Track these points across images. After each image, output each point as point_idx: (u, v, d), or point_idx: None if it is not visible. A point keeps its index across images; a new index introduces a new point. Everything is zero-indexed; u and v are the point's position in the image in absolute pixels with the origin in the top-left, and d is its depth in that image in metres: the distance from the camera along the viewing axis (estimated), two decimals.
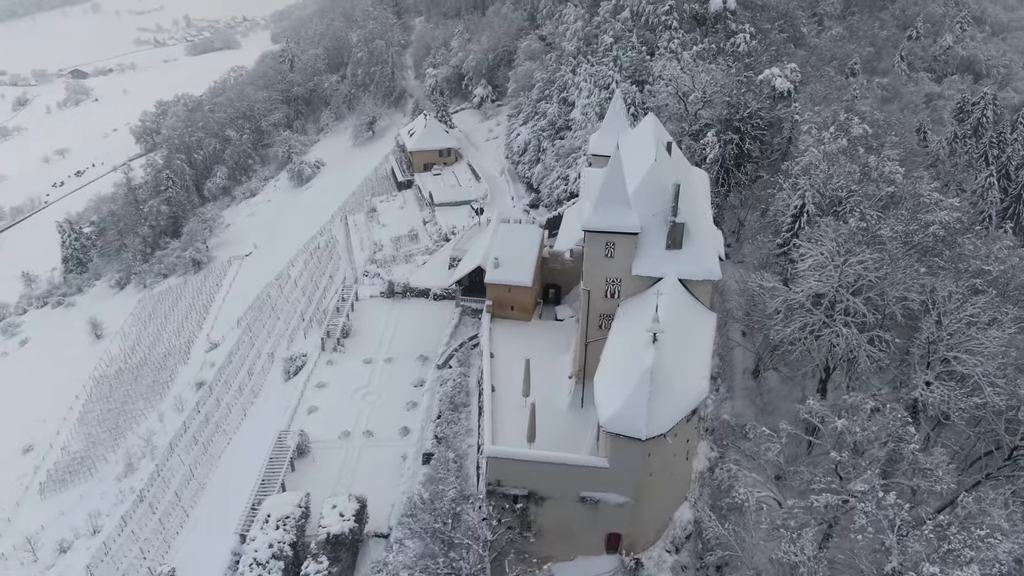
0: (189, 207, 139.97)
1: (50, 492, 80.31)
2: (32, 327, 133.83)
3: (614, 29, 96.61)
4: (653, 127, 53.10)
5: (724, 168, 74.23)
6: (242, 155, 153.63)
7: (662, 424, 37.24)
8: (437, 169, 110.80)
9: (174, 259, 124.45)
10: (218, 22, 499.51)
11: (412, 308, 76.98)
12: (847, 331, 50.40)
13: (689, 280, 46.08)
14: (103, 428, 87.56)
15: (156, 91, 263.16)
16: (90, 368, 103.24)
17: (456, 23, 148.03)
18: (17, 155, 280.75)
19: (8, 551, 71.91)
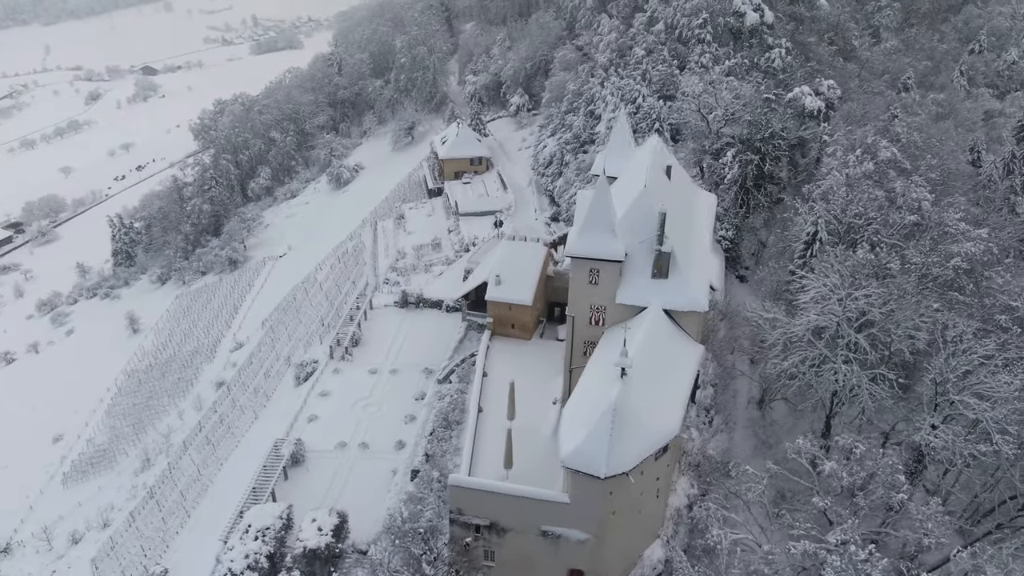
0: (231, 206, 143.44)
1: (72, 482, 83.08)
2: (79, 317, 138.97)
3: (647, 42, 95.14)
4: (653, 150, 51.90)
5: (743, 189, 72.19)
6: (285, 156, 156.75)
7: (624, 462, 36.23)
8: (467, 178, 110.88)
9: (212, 257, 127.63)
10: (283, 22, 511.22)
11: (423, 319, 77.18)
12: (846, 367, 48.35)
13: (675, 311, 44.80)
14: (127, 422, 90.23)
15: (218, 89, 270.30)
16: (123, 362, 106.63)
17: (500, 30, 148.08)
18: (85, 148, 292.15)
19: (27, 538, 74.63)
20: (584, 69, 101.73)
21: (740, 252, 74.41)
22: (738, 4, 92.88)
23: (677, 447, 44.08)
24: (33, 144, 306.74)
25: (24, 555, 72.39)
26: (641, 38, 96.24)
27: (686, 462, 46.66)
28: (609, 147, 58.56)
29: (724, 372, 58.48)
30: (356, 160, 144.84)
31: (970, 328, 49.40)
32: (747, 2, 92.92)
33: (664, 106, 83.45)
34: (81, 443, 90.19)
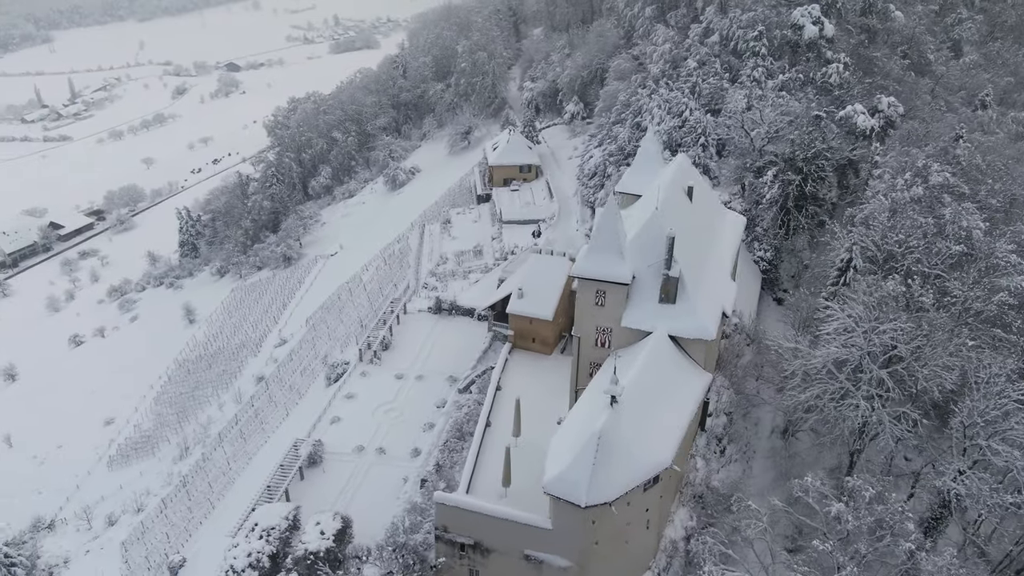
0: (290, 203, 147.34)
1: (117, 465, 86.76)
2: (144, 305, 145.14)
3: (700, 53, 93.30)
4: (676, 169, 50.86)
5: (784, 209, 69.94)
6: (346, 157, 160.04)
7: (607, 492, 35.55)
8: (516, 185, 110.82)
9: (268, 253, 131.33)
10: (363, 22, 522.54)
11: (454, 326, 77.51)
12: (865, 404, 46.29)
13: (681, 337, 43.72)
14: (172, 410, 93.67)
15: (295, 87, 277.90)
16: (176, 351, 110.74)
17: (563, 36, 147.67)
18: (167, 141, 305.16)
19: (70, 516, 78.28)
20: (636, 79, 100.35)
21: (779, 274, 72.20)
22: (796, 17, 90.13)
23: (676, 477, 43.00)
24: (121, 135, 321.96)
25: (65, 532, 75.99)
26: (695, 49, 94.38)
27: (689, 493, 45.44)
28: (636, 163, 57.63)
29: (744, 400, 56.73)
30: (413, 163, 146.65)
31: (1005, 369, 46.65)
32: (806, 15, 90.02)
33: (711, 120, 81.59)
34: (128, 428, 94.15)
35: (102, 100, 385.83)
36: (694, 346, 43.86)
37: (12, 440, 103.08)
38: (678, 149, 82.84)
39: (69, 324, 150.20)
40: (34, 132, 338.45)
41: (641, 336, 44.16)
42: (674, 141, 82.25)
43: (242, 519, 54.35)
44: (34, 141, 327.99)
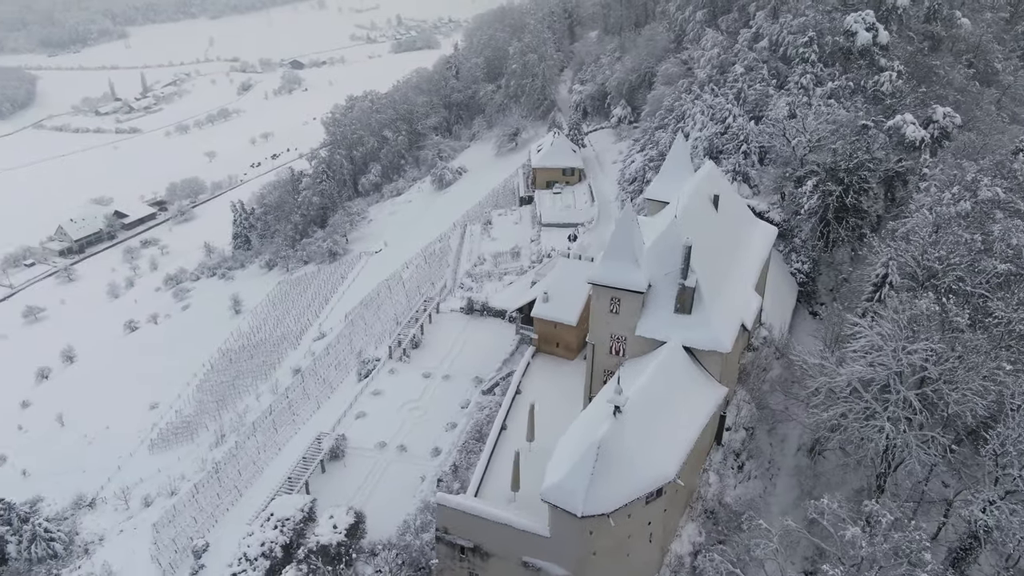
0: (339, 200, 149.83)
1: (157, 449, 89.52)
2: (197, 294, 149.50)
3: (748, 59, 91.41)
4: (703, 177, 49.99)
5: (824, 220, 68.00)
6: (396, 155, 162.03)
7: (605, 503, 35.12)
8: (558, 187, 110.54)
9: (315, 248, 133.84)
10: (425, 22, 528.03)
11: (485, 327, 77.70)
12: (890, 426, 44.69)
13: (697, 349, 42.91)
14: (212, 398, 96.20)
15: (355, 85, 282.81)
16: (221, 340, 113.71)
17: (615, 40, 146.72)
18: (231, 135, 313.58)
19: (109, 496, 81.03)
20: (683, 84, 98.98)
21: (816, 287, 70.28)
22: (850, 23, 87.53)
23: (685, 491, 42.21)
24: (187, 129, 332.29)
25: (104, 511, 78.67)
26: (743, 55, 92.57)
27: (700, 507, 44.56)
28: (664, 170, 56.79)
29: (769, 415, 55.37)
30: (460, 163, 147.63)
31: None
32: (860, 21, 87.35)
33: (754, 127, 79.90)
34: (171, 413, 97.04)
35: (171, 94, 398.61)
36: (709, 358, 43.00)
37: (64, 419, 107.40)
38: (719, 156, 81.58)
39: (127, 310, 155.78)
40: (107, 124, 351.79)
41: (656, 345, 43.53)
42: (715, 148, 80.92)
43: (260, 508, 55.51)
44: (106, 133, 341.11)
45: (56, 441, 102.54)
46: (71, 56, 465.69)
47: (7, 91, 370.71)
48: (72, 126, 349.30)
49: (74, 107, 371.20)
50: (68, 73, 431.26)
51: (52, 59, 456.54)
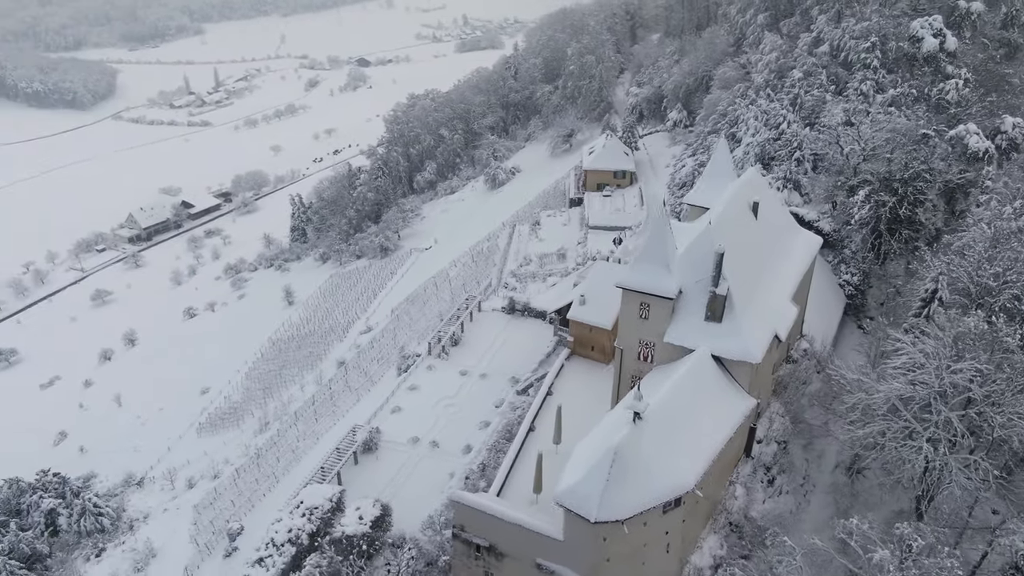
0: (393, 196, 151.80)
1: (205, 433, 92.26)
2: (254, 284, 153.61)
3: (806, 64, 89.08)
4: (744, 184, 48.97)
5: (876, 232, 65.76)
6: (451, 154, 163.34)
7: (620, 510, 34.71)
8: (608, 190, 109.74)
9: (367, 243, 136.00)
10: (491, 22, 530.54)
11: (525, 328, 77.64)
12: (928, 447, 42.96)
13: (726, 358, 42.05)
14: (260, 386, 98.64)
15: (418, 84, 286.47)
16: (272, 330, 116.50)
17: (676, 42, 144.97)
18: (296, 131, 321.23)
19: (158, 476, 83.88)
20: (739, 89, 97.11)
21: (866, 300, 68.03)
22: (916, 28, 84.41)
23: (705, 502, 41.41)
24: (255, 123, 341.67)
25: (151, 490, 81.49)
26: (801, 60, 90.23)
27: (724, 520, 43.65)
28: (706, 175, 55.86)
29: (806, 429, 53.80)
30: (514, 163, 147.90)
31: None
32: (927, 26, 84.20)
33: (808, 134, 77.83)
34: (220, 399, 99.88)
35: (242, 90, 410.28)
36: (739, 368, 42.08)
37: (122, 400, 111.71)
38: (771, 162, 79.80)
39: (187, 297, 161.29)
40: (180, 117, 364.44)
41: (685, 353, 42.85)
42: (767, 154, 79.17)
43: (292, 496, 56.69)
44: (179, 125, 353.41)
45: (113, 420, 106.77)
46: (150, 51, 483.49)
47: (90, 83, 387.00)
48: (147, 118, 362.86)
49: (150, 100, 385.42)
50: (146, 67, 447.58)
51: (132, 53, 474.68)
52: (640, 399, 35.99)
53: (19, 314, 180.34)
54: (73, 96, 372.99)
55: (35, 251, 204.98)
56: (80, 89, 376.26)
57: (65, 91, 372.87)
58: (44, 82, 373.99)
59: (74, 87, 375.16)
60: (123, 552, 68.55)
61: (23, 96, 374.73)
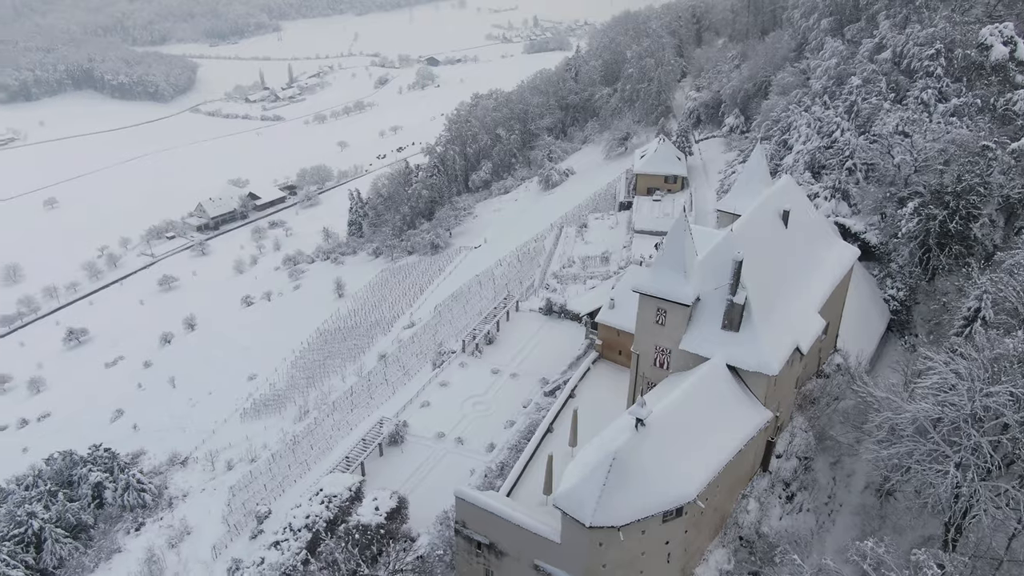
0: (447, 194, 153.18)
1: (248, 418, 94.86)
2: (309, 276, 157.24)
3: (866, 71, 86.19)
4: (775, 192, 47.77)
5: (924, 246, 63.19)
6: (507, 154, 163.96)
7: (616, 516, 34.31)
8: (658, 195, 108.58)
9: (419, 239, 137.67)
10: (561, 24, 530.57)
11: (560, 329, 77.47)
12: (955, 472, 41.13)
13: (742, 369, 41.09)
14: (303, 375, 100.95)
15: (484, 83, 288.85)
16: (320, 321, 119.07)
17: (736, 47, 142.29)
18: (363, 127, 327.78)
19: (200, 456, 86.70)
20: (796, 95, 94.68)
21: (912, 316, 65.44)
22: (985, 35, 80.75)
23: (713, 514, 40.55)
24: (324, 119, 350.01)
25: (194, 470, 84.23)
26: (861, 66, 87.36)
27: (734, 534, 42.66)
28: (740, 182, 54.62)
29: (835, 447, 52.07)
30: (569, 165, 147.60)
31: None
32: (997, 34, 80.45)
33: (862, 143, 75.32)
34: (265, 385, 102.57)
35: (314, 86, 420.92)
36: (754, 379, 41.05)
37: (176, 381, 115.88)
38: (821, 171, 77.60)
39: (247, 285, 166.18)
40: (254, 111, 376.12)
41: (700, 361, 42.00)
42: (817, 162, 76.98)
43: (314, 483, 57.86)
44: (252, 119, 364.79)
45: (166, 401, 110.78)
46: (230, 46, 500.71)
47: (171, 77, 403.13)
48: (223, 111, 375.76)
49: (227, 94, 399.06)
50: (225, 62, 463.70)
51: (213, 48, 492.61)
52: (643, 405, 35.52)
53: (92, 295, 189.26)
54: (155, 89, 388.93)
55: (110, 236, 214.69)
56: (162, 82, 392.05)
57: (148, 84, 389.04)
58: (129, 75, 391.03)
59: (156, 80, 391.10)
60: (160, 528, 71.09)
61: (108, 88, 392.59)
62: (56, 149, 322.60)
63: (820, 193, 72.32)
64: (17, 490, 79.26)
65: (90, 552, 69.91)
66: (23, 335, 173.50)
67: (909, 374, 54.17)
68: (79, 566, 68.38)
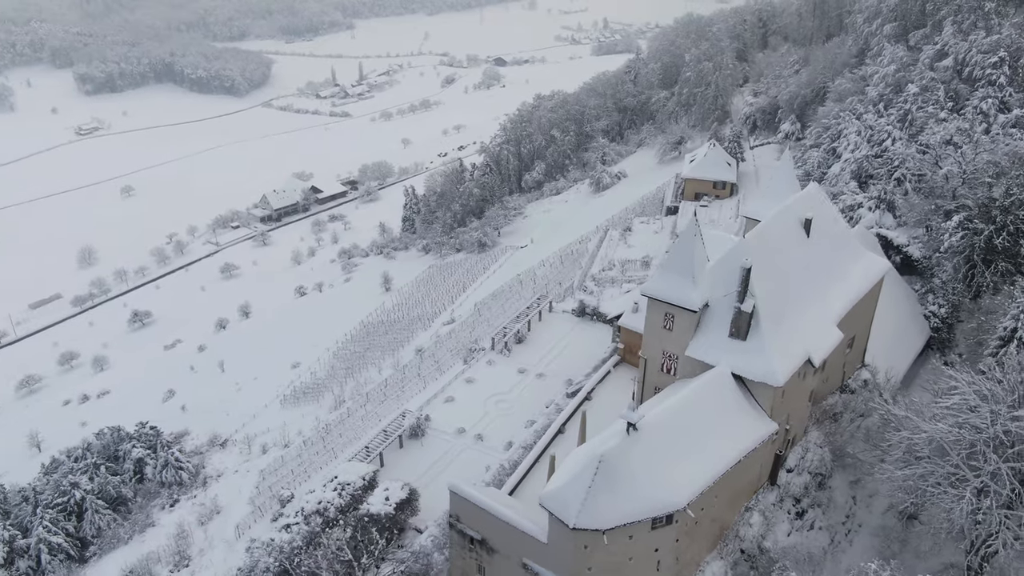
0: (498, 193, 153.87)
1: (287, 404, 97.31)
2: (361, 269, 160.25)
3: (925, 78, 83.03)
4: (798, 200, 46.64)
5: (969, 262, 60.52)
6: (561, 155, 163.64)
7: (601, 519, 34.06)
8: (706, 200, 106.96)
9: (467, 237, 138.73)
10: (631, 26, 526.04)
11: (591, 332, 77.11)
12: (970, 497, 39.41)
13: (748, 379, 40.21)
14: (343, 365, 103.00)
15: (549, 84, 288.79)
16: (365, 313, 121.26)
17: (798, 51, 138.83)
18: (427, 125, 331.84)
19: (238, 440, 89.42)
20: (850, 102, 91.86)
21: (954, 334, 62.76)
22: None
23: (711, 525, 39.80)
24: (390, 116, 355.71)
25: (231, 452, 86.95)
26: (920, 74, 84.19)
27: (735, 547, 41.76)
28: (765, 188, 53.43)
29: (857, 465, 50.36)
30: (622, 168, 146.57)
31: None
32: None
33: (912, 153, 72.58)
34: (306, 374, 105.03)
35: (383, 84, 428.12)
36: (760, 390, 40.13)
37: (225, 366, 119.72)
38: (868, 180, 75.16)
39: (302, 276, 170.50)
40: (323, 107, 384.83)
41: (707, 368, 41.28)
42: (864, 171, 74.56)
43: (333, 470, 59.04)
44: (322, 115, 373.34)
45: (214, 384, 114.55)
46: (304, 44, 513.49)
47: (247, 72, 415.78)
48: (294, 107, 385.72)
49: (299, 90, 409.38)
50: (299, 59, 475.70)
51: (288, 45, 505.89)
52: (634, 409, 35.17)
53: (158, 280, 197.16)
54: (231, 83, 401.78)
55: (180, 223, 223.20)
56: (238, 77, 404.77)
57: (224, 78, 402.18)
58: (207, 69, 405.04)
59: (232, 75, 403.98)
60: (192, 505, 73.66)
61: (188, 81, 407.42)
62: (136, 139, 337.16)
63: (864, 203, 70.03)
64: (67, 461, 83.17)
65: (126, 524, 72.91)
66: (93, 315, 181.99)
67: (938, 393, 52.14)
68: (114, 537, 71.41)
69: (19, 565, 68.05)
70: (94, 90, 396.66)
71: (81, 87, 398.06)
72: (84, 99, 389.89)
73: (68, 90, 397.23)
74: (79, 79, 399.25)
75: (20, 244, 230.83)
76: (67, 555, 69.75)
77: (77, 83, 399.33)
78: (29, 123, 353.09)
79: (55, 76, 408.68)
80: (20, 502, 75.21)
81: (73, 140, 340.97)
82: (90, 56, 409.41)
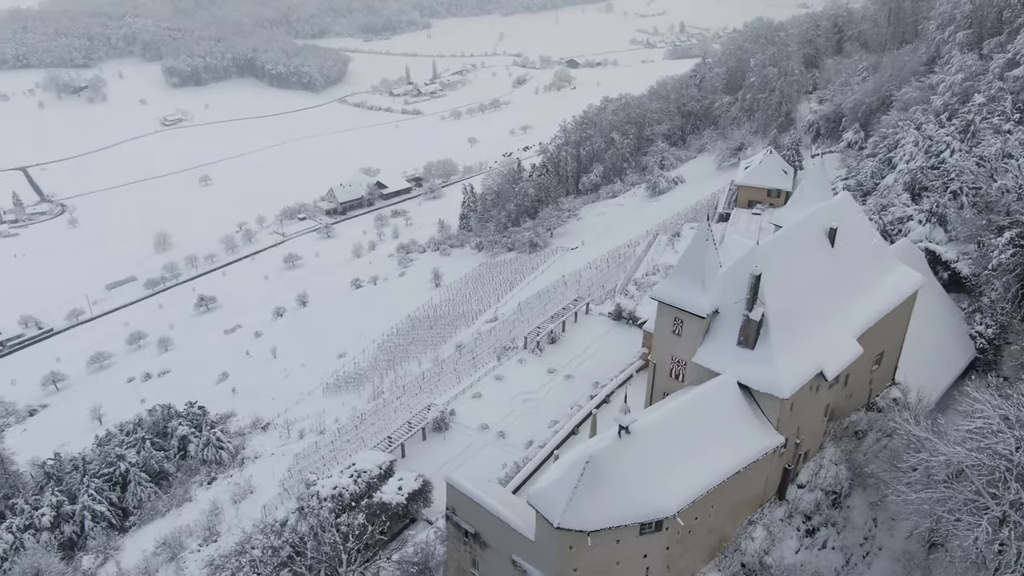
0: (554, 194, 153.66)
1: (329, 392, 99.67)
2: (416, 264, 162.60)
3: (992, 88, 79.17)
4: (827, 208, 45.27)
5: (1020, 280, 57.45)
6: (619, 158, 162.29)
7: (586, 520, 33.85)
8: (759, 208, 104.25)
9: (519, 237, 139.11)
10: (708, 30, 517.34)
11: (624, 335, 76.52)
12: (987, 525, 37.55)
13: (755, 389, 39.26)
14: (386, 357, 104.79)
15: (620, 87, 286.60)
16: (413, 307, 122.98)
17: (868, 58, 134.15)
18: (495, 125, 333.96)
19: (280, 424, 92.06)
20: (913, 111, 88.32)
21: (1001, 356, 59.64)
22: None
23: (707, 535, 39.02)
24: (459, 115, 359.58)
25: (271, 436, 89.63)
26: (987, 83, 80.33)
27: (735, 560, 40.81)
28: (796, 195, 51.98)
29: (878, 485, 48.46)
30: (680, 172, 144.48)
31: None
32: None
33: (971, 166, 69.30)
34: (351, 364, 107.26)
35: (456, 83, 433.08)
36: (767, 401, 39.12)
37: (277, 352, 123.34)
38: (922, 193, 72.18)
39: (360, 269, 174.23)
40: (396, 104, 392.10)
41: (714, 376, 40.50)
42: (918, 183, 71.64)
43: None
44: (394, 112, 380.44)
45: (265, 370, 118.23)
46: (381, 42, 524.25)
47: (324, 69, 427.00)
48: (368, 103, 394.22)
49: (373, 87, 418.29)
50: (376, 56, 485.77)
51: (366, 43, 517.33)
52: (626, 412, 34.84)
53: (225, 267, 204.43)
54: (309, 79, 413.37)
55: (250, 213, 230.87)
56: (315, 73, 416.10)
57: (303, 74, 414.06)
58: (287, 65, 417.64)
59: (310, 71, 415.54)
60: (228, 484, 76.28)
61: (268, 76, 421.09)
62: (216, 131, 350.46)
63: (915, 216, 67.28)
64: (118, 435, 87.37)
65: (165, 498, 76.06)
66: (163, 298, 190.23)
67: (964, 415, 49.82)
68: (153, 509, 74.61)
69: (64, 529, 71.72)
70: (180, 83, 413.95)
71: (168, 80, 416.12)
72: (170, 91, 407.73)
73: (156, 82, 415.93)
74: (167, 72, 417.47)
75: (104, 228, 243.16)
76: (109, 523, 73.17)
77: (165, 76, 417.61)
78: (120, 113, 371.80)
79: (145, 69, 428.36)
80: (71, 470, 79.27)
81: (159, 130, 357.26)
82: (178, 50, 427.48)
